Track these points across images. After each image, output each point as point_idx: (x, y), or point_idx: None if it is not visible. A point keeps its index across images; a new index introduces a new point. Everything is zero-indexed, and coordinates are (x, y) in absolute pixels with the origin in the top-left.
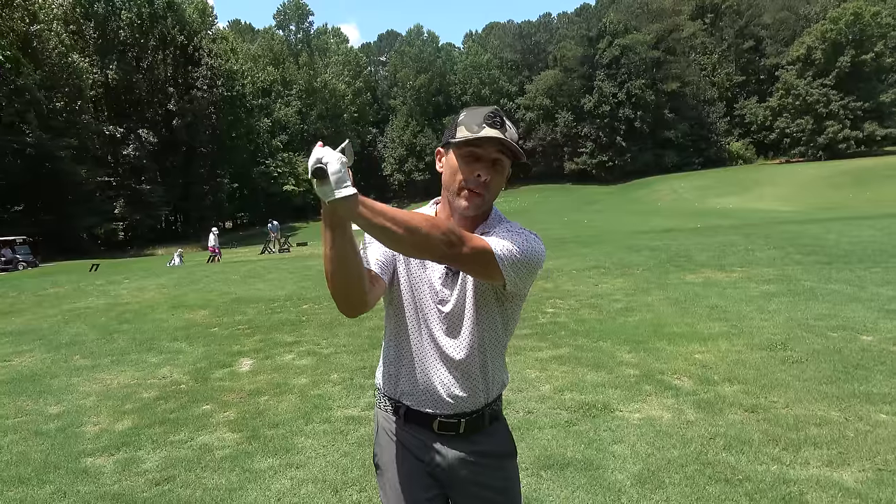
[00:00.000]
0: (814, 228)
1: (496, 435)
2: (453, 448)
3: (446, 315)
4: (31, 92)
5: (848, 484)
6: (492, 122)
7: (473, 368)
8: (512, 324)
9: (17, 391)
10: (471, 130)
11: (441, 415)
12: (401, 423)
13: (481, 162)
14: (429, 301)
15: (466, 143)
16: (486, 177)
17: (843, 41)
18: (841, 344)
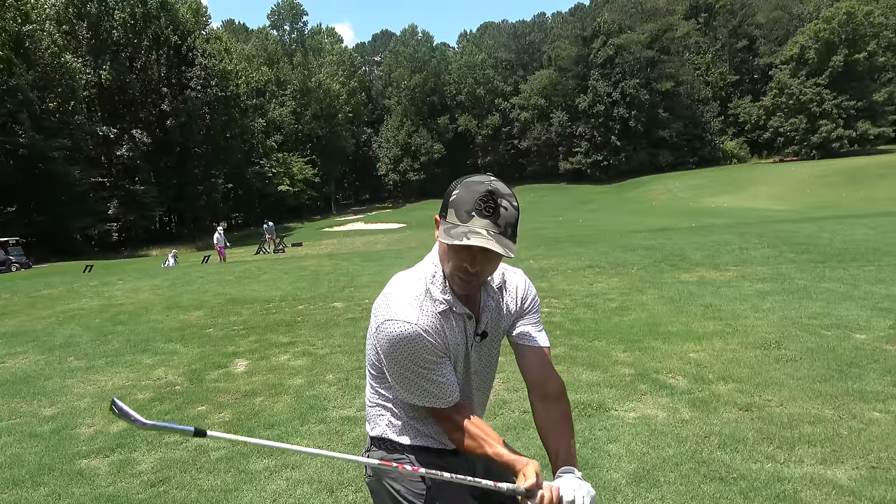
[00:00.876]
0: (807, 227)
1: None
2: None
3: (474, 371)
4: (23, 92)
5: (842, 482)
6: (483, 208)
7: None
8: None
9: (11, 393)
10: (460, 218)
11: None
12: (435, 457)
13: (471, 253)
14: (466, 363)
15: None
16: (476, 269)
17: (836, 40)
18: (834, 342)
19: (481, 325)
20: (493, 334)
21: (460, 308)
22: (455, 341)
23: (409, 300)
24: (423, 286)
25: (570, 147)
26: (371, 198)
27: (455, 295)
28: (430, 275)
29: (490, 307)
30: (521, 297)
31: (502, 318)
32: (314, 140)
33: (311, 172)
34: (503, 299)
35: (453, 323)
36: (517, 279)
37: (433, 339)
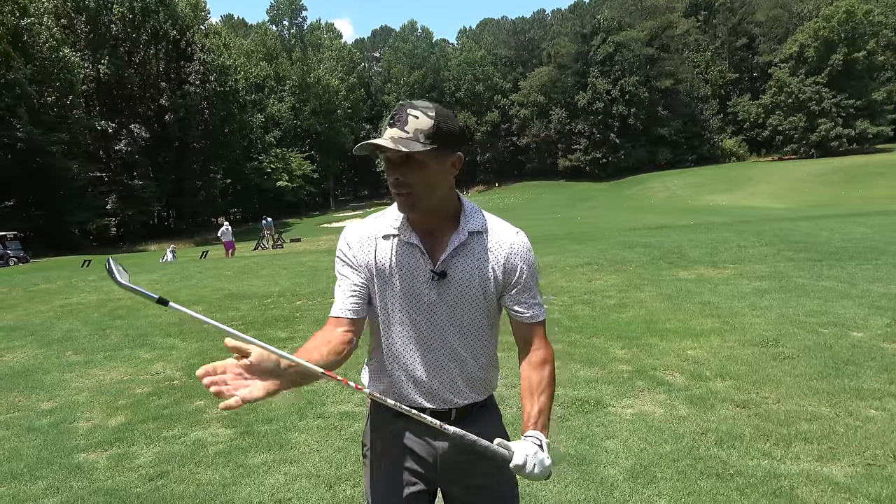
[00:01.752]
0: (806, 225)
1: (487, 420)
2: (444, 436)
3: (432, 315)
4: (21, 86)
5: (838, 478)
6: (392, 120)
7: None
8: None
9: (10, 387)
10: (370, 140)
11: (431, 407)
12: (392, 414)
13: (391, 163)
14: (417, 303)
15: (381, 153)
16: (394, 177)
17: (835, 39)
18: (832, 340)
19: (439, 262)
20: (459, 279)
21: (410, 237)
22: (402, 273)
23: (357, 222)
24: (375, 214)
25: (570, 144)
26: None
27: (411, 227)
28: (388, 209)
29: (457, 249)
30: (509, 258)
31: (476, 265)
32: (313, 136)
33: (310, 168)
34: (479, 247)
35: (401, 250)
36: (509, 238)
37: (347, 247)
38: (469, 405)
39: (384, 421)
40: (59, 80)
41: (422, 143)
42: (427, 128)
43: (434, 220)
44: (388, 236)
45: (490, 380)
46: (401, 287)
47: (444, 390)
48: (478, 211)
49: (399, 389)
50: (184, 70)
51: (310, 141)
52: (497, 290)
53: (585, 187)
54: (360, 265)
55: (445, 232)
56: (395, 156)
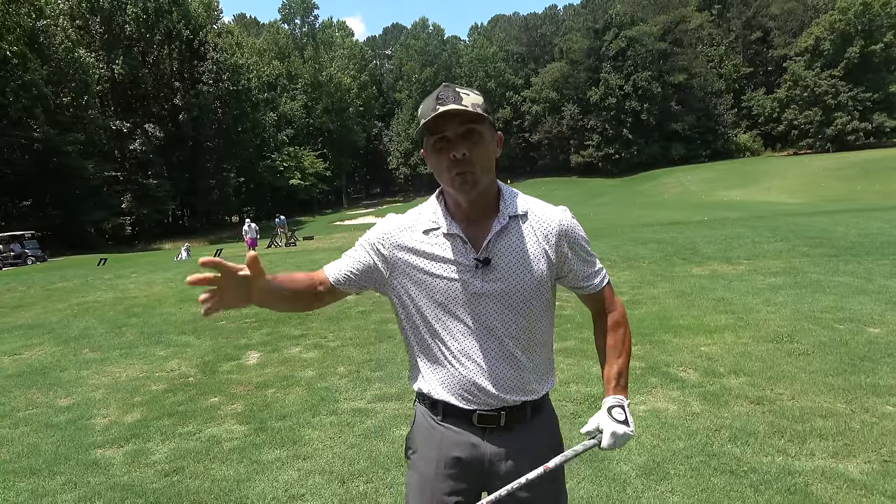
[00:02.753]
0: (821, 220)
1: (539, 428)
2: (493, 442)
3: (477, 307)
4: (38, 87)
5: (853, 475)
6: (444, 100)
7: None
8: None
9: (28, 384)
10: (427, 117)
11: (479, 409)
12: (439, 417)
13: (451, 142)
14: (462, 296)
15: (428, 132)
16: (461, 152)
17: (851, 32)
18: (848, 336)
19: (482, 249)
20: (505, 265)
21: (451, 227)
22: (447, 265)
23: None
24: (415, 209)
25: (582, 140)
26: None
27: (451, 217)
28: (425, 203)
29: (500, 234)
30: (560, 237)
31: (521, 249)
32: (325, 134)
33: (323, 166)
34: (522, 230)
35: (442, 243)
36: (550, 213)
37: (378, 239)
38: (521, 406)
39: (429, 423)
40: (74, 81)
41: (480, 113)
42: (481, 102)
43: (478, 207)
44: (430, 231)
45: (543, 377)
46: (444, 281)
47: (491, 389)
48: (516, 194)
49: (441, 390)
50: (197, 69)
51: (322, 139)
52: (551, 272)
53: (598, 183)
54: (380, 259)
55: (486, 218)
56: (460, 130)
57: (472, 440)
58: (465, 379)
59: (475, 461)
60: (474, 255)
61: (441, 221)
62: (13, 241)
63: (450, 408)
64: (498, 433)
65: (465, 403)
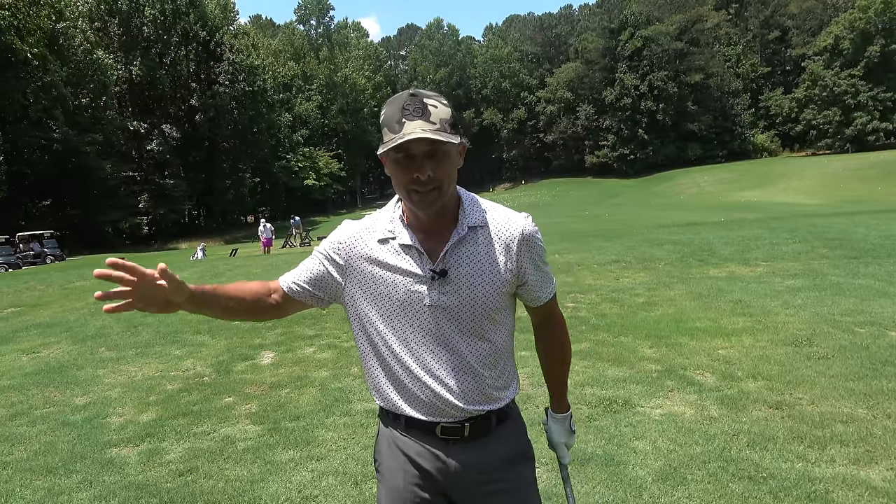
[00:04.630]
0: (841, 222)
1: (504, 436)
2: (458, 454)
3: (433, 319)
4: (57, 88)
5: (875, 483)
6: (411, 113)
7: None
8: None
9: (45, 382)
10: (392, 130)
11: (443, 421)
12: (402, 430)
13: (415, 161)
14: (417, 309)
15: (393, 150)
16: (425, 174)
17: (872, 30)
18: (868, 340)
19: (438, 260)
20: (461, 277)
21: (405, 238)
22: (400, 276)
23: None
24: (371, 216)
25: (597, 140)
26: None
27: (408, 228)
28: (382, 209)
29: (457, 245)
30: (520, 248)
31: (480, 260)
32: (340, 134)
33: (337, 167)
34: (481, 241)
35: (397, 254)
36: (511, 222)
37: (334, 245)
38: (484, 416)
39: (393, 434)
40: (93, 82)
41: (449, 133)
42: (449, 117)
43: (435, 217)
44: (385, 240)
45: (505, 385)
46: (399, 293)
47: (453, 401)
48: (477, 202)
49: (402, 404)
50: (213, 70)
51: (337, 139)
52: (510, 282)
53: (613, 184)
54: (334, 268)
55: (444, 228)
56: (425, 150)
57: (436, 452)
58: (425, 392)
59: (440, 472)
60: (430, 266)
61: (397, 231)
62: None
63: (412, 420)
64: (462, 444)
65: (428, 416)
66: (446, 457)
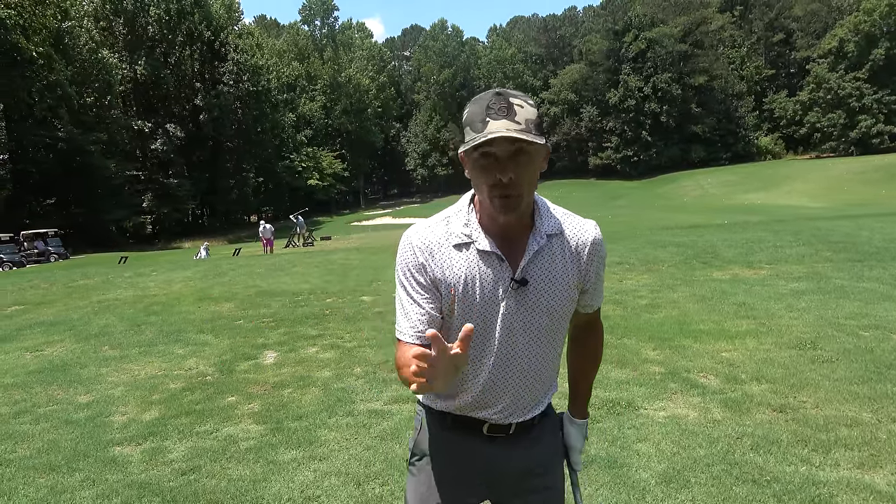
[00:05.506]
0: (845, 225)
1: (545, 434)
2: (503, 450)
3: (505, 324)
4: (62, 87)
5: (880, 487)
6: (496, 112)
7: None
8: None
9: (49, 380)
10: (475, 129)
11: (491, 420)
12: (448, 426)
13: (499, 162)
14: (492, 313)
15: (474, 149)
16: (507, 176)
17: (877, 33)
18: (873, 343)
19: (519, 269)
20: (540, 286)
21: (486, 244)
22: (481, 284)
23: (421, 227)
24: (441, 217)
25: (600, 142)
26: (399, 192)
27: (485, 231)
28: (453, 210)
29: (536, 253)
30: (587, 251)
31: (556, 269)
32: (343, 135)
33: (341, 167)
34: (557, 250)
35: (478, 261)
36: (584, 230)
37: (416, 257)
38: (532, 416)
39: (437, 431)
40: (98, 81)
41: (534, 134)
42: (535, 118)
43: (512, 224)
44: (462, 245)
45: (554, 386)
46: (478, 299)
47: (510, 402)
48: (549, 207)
49: (455, 406)
50: (218, 70)
51: (340, 140)
52: (577, 289)
53: (616, 186)
54: (433, 278)
55: (521, 234)
56: (510, 150)
57: (480, 447)
58: (482, 399)
59: (483, 468)
60: (511, 274)
61: (475, 235)
62: (37, 238)
63: (460, 419)
64: (506, 440)
65: (478, 415)
66: (490, 451)
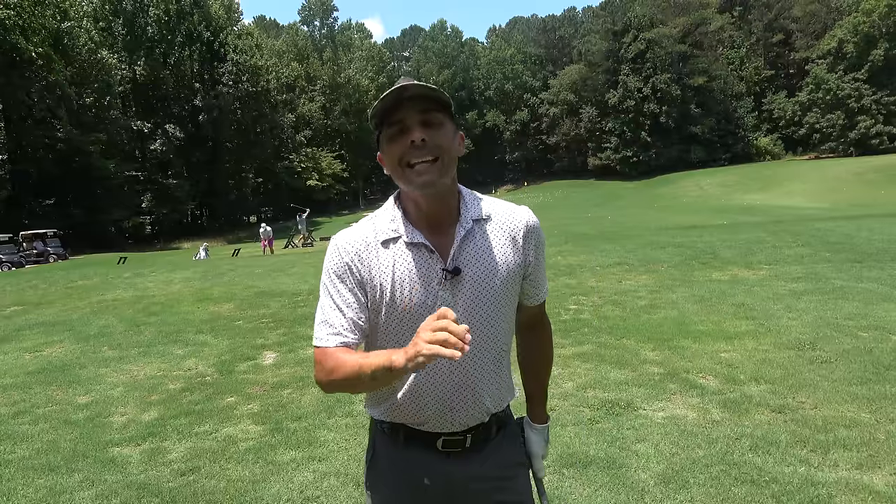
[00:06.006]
0: (844, 226)
1: (503, 445)
2: (459, 465)
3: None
4: (61, 88)
5: (878, 487)
6: (401, 82)
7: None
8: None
9: (48, 381)
10: (380, 100)
11: (445, 432)
12: (401, 443)
13: (410, 129)
14: (429, 310)
15: (381, 117)
16: (419, 136)
17: (876, 34)
18: (872, 344)
19: (450, 258)
20: (475, 275)
21: (414, 236)
22: (412, 278)
23: (348, 229)
24: (367, 217)
25: (600, 143)
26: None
27: (412, 224)
28: (380, 210)
29: (465, 240)
30: (521, 233)
31: (491, 254)
32: (343, 135)
33: (340, 167)
34: (488, 234)
35: (406, 254)
36: (515, 213)
37: (343, 257)
38: (485, 425)
39: (388, 449)
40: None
41: (442, 102)
42: (445, 97)
43: (438, 207)
44: (389, 241)
45: (508, 386)
46: (410, 296)
47: (461, 407)
48: (475, 195)
49: (405, 414)
50: (217, 71)
51: (340, 140)
52: (518, 275)
53: (616, 186)
54: (360, 280)
55: (448, 225)
56: (418, 118)
57: (436, 464)
58: (430, 402)
59: (441, 485)
60: (441, 265)
61: (401, 229)
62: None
63: (412, 432)
64: (463, 456)
65: (429, 428)
66: (447, 468)
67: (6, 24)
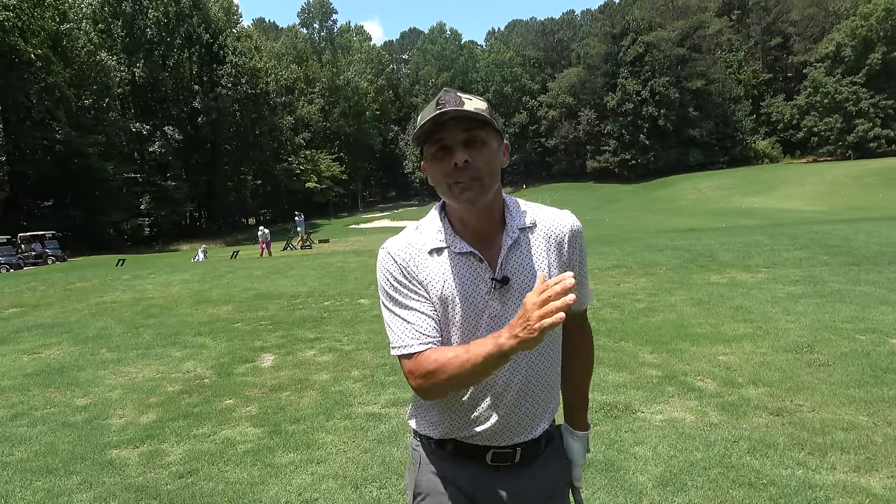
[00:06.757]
0: (842, 229)
1: (552, 460)
2: (508, 480)
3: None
4: (60, 90)
5: (876, 490)
6: (443, 104)
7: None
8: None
9: (46, 383)
10: (423, 122)
11: (495, 446)
12: (448, 458)
13: (452, 151)
14: (478, 321)
15: (424, 137)
16: (462, 158)
17: (873, 38)
18: (870, 347)
19: (498, 268)
20: (524, 284)
21: (461, 246)
22: (462, 287)
23: (395, 237)
24: (412, 226)
25: (598, 146)
26: (397, 195)
27: (459, 234)
28: (424, 219)
29: (512, 249)
30: (566, 239)
31: (537, 263)
32: (342, 138)
33: (339, 170)
34: (533, 242)
35: (455, 264)
36: (559, 219)
37: (399, 266)
38: (535, 440)
39: (437, 463)
40: (96, 84)
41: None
42: (484, 108)
43: (484, 221)
44: (435, 250)
45: (557, 397)
46: (461, 306)
47: (509, 426)
48: (518, 203)
49: (452, 430)
50: (216, 73)
51: (339, 143)
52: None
53: (614, 189)
54: (420, 282)
55: (494, 233)
56: (461, 137)
57: (486, 478)
58: (481, 416)
59: (490, 500)
60: (490, 274)
61: (449, 239)
62: (34, 240)
63: (461, 446)
64: (512, 471)
65: (479, 441)
66: (496, 482)
67: (5, 26)
